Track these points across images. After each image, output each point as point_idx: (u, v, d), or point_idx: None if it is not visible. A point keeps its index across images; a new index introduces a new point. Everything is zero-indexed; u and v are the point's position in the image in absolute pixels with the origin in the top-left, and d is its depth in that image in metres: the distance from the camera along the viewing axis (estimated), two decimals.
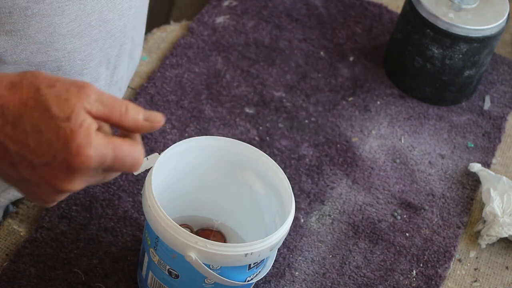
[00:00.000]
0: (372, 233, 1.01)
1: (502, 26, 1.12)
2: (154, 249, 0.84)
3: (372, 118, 1.14)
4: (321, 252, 0.99)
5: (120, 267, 0.93)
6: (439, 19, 1.10)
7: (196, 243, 0.80)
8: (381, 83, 1.18)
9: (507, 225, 1.01)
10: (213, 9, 1.23)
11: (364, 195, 1.05)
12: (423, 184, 1.08)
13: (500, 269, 1.02)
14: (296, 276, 0.96)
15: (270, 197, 0.90)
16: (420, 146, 1.12)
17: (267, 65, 1.17)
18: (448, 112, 1.17)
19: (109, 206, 0.98)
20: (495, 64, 1.23)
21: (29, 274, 0.90)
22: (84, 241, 0.94)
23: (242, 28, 1.21)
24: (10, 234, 0.95)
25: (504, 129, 1.16)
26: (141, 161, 0.71)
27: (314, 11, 1.25)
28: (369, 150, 1.10)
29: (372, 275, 0.98)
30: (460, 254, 1.02)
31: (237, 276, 0.84)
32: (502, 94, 1.20)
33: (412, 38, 1.13)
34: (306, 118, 1.12)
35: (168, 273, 0.84)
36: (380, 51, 1.22)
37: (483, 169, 1.08)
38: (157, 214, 0.81)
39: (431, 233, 1.03)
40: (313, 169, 1.07)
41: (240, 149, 0.90)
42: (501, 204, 1.03)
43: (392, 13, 1.27)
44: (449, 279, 1.00)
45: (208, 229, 0.96)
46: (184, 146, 0.88)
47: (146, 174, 0.85)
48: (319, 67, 1.19)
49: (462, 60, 1.12)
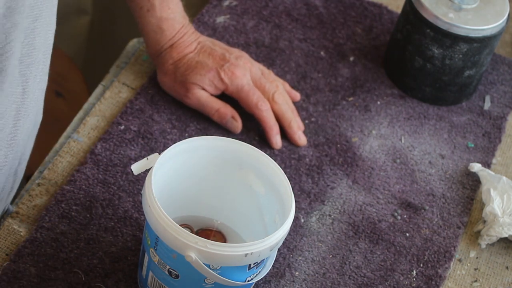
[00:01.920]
0: (372, 233, 1.01)
1: (502, 26, 1.12)
2: (154, 249, 0.84)
3: (372, 118, 1.14)
4: (321, 252, 0.99)
5: (120, 267, 0.93)
6: (439, 19, 1.10)
7: (196, 243, 0.80)
8: (381, 83, 1.18)
9: (507, 225, 1.01)
10: (213, 9, 1.23)
11: (364, 195, 1.05)
12: (423, 184, 1.08)
13: (500, 269, 1.02)
14: (296, 276, 0.96)
15: (270, 197, 0.90)
16: (420, 146, 1.12)
17: (267, 65, 1.17)
18: (448, 112, 1.17)
19: (109, 206, 0.98)
20: (495, 64, 1.23)
21: (29, 274, 0.90)
22: (84, 241, 0.94)
23: (242, 28, 1.21)
24: (10, 234, 0.95)
25: (504, 129, 1.16)
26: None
27: (314, 11, 1.25)
28: (369, 150, 1.10)
29: (372, 275, 0.98)
30: (460, 254, 1.02)
31: (237, 276, 0.84)
32: (502, 94, 1.20)
33: (412, 38, 1.13)
34: (306, 118, 1.12)
35: (168, 273, 0.84)
36: (380, 51, 1.22)
37: (483, 169, 1.08)
38: (157, 214, 0.81)
39: (431, 233, 1.03)
40: (313, 169, 1.06)
41: (240, 149, 0.90)
42: (501, 204, 1.03)
43: (392, 13, 1.27)
44: (449, 279, 1.00)
45: (208, 229, 0.96)
46: (184, 146, 0.88)
47: (146, 174, 0.85)
48: (319, 67, 1.19)
49: (462, 60, 1.12)
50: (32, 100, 0.89)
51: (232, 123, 1.07)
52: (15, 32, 0.80)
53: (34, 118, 0.93)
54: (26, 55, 0.84)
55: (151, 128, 1.07)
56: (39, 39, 0.85)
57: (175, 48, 1.08)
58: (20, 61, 0.83)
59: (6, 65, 0.81)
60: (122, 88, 1.12)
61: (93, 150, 1.03)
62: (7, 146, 0.88)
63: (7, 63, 0.81)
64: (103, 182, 1.00)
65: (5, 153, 0.88)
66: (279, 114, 1.08)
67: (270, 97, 1.08)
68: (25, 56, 0.84)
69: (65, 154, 1.03)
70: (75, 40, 1.79)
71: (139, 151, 1.04)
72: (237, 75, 1.06)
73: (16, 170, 0.94)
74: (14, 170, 0.93)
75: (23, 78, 0.85)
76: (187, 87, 1.07)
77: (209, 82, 1.06)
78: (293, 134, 1.08)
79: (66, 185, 0.99)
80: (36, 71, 0.87)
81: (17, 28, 0.80)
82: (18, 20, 0.79)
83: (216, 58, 1.07)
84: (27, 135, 0.92)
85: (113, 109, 1.09)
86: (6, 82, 0.82)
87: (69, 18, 1.76)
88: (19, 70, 0.84)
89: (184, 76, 1.07)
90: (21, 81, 0.85)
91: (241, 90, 1.07)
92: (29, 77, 0.86)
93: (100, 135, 1.05)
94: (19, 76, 0.84)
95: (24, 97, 0.86)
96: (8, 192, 0.95)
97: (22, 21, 0.80)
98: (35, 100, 0.90)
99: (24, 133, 0.91)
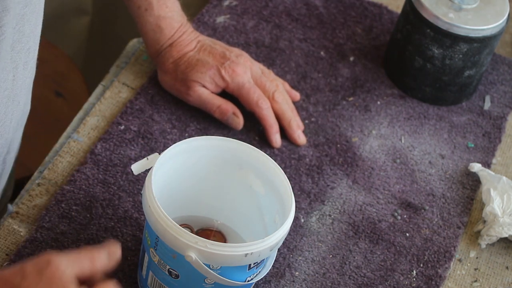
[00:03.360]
0: (372, 233, 1.01)
1: (502, 26, 1.12)
2: (154, 249, 0.84)
3: (372, 118, 1.14)
4: (321, 252, 0.99)
5: (120, 267, 0.93)
6: (439, 19, 1.10)
7: (196, 243, 0.80)
8: (381, 83, 1.18)
9: (507, 225, 1.01)
10: (213, 9, 1.23)
11: (364, 195, 1.05)
12: (423, 184, 1.08)
13: (500, 269, 1.02)
14: (296, 276, 0.96)
15: (270, 197, 0.90)
16: (420, 146, 1.12)
17: (267, 65, 1.17)
18: (448, 112, 1.17)
19: (109, 206, 0.98)
20: (495, 64, 1.23)
21: None
22: (84, 241, 0.94)
23: (242, 28, 1.21)
24: (10, 234, 0.95)
25: (504, 129, 1.16)
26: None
27: (314, 11, 1.25)
28: (369, 150, 1.10)
29: (372, 275, 0.98)
30: (460, 254, 1.02)
31: (237, 276, 0.84)
32: (502, 94, 1.20)
33: (412, 38, 1.13)
34: (306, 118, 1.12)
35: (168, 273, 0.84)
36: (380, 51, 1.22)
37: (483, 169, 1.08)
38: (157, 214, 0.81)
39: (431, 233, 1.03)
40: (313, 169, 1.06)
41: (240, 149, 0.90)
42: (501, 204, 1.03)
43: (392, 13, 1.27)
44: (449, 279, 1.00)
45: (208, 229, 0.96)
46: (184, 146, 0.88)
47: (146, 174, 0.85)
48: (319, 67, 1.19)
49: (462, 60, 1.12)
50: (23, 88, 0.89)
51: (234, 119, 1.07)
52: (7, 17, 0.80)
53: (23, 107, 0.93)
54: (17, 41, 0.84)
55: (151, 128, 1.07)
56: (29, 25, 0.85)
57: (175, 47, 1.08)
58: (12, 47, 0.83)
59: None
60: (122, 88, 1.12)
61: (93, 150, 1.03)
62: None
63: (0, 48, 0.81)
64: (103, 182, 1.00)
65: None
66: (279, 113, 1.08)
67: (270, 96, 1.08)
68: (16, 42, 0.84)
69: (65, 154, 1.03)
70: (75, 40, 1.79)
71: (139, 151, 1.04)
72: (238, 73, 1.07)
73: (4, 159, 0.94)
74: (3, 158, 0.94)
75: (13, 64, 0.85)
76: (188, 85, 1.07)
77: (210, 80, 1.07)
78: (292, 133, 1.08)
79: (66, 185, 0.99)
80: (27, 58, 0.87)
81: (9, 12, 0.80)
82: (9, 4, 0.79)
83: (217, 56, 1.07)
84: (16, 122, 0.92)
85: (113, 109, 1.09)
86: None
87: (69, 18, 1.76)
88: (11, 56, 0.84)
89: (184, 74, 1.07)
90: (12, 67, 0.85)
91: (241, 88, 1.07)
92: (19, 63, 0.86)
93: (100, 135, 1.05)
94: (11, 62, 0.84)
95: (14, 83, 0.87)
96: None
97: (14, 6, 0.80)
98: (25, 88, 0.90)
99: (14, 121, 0.91)
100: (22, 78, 0.88)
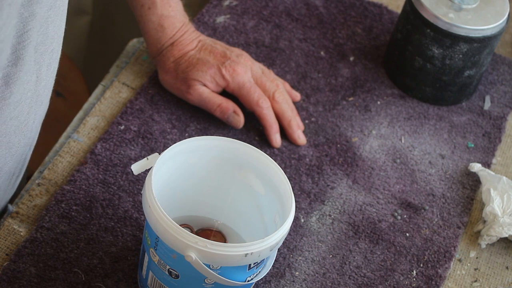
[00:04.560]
0: (372, 233, 1.01)
1: (502, 26, 1.12)
2: (154, 249, 0.84)
3: (372, 118, 1.14)
4: (321, 252, 0.99)
5: (120, 267, 0.93)
6: (439, 19, 1.10)
7: (196, 243, 0.80)
8: (381, 83, 1.18)
9: (507, 225, 1.01)
10: (213, 9, 1.23)
11: (364, 195, 1.05)
12: (423, 184, 1.08)
13: (500, 269, 1.02)
14: (296, 276, 0.96)
15: (270, 197, 0.90)
16: (420, 146, 1.12)
17: (267, 65, 1.17)
18: (448, 112, 1.17)
19: (109, 206, 0.98)
20: (495, 64, 1.23)
21: (29, 274, 0.90)
22: (84, 241, 0.94)
23: (242, 28, 1.21)
24: (10, 234, 0.95)
25: (504, 129, 1.16)
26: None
27: (314, 11, 1.25)
28: (369, 150, 1.10)
29: (372, 275, 0.98)
30: (460, 254, 1.02)
31: (237, 276, 0.84)
32: (502, 94, 1.20)
33: (412, 38, 1.13)
34: (306, 118, 1.12)
35: (168, 273, 0.84)
36: (380, 51, 1.22)
37: (483, 169, 1.08)
38: (157, 214, 0.81)
39: (431, 233, 1.03)
40: (313, 169, 1.07)
41: (240, 149, 0.90)
42: (501, 204, 1.03)
43: (392, 13, 1.27)
44: (449, 279, 1.00)
45: (208, 229, 0.96)
46: (184, 146, 0.88)
47: (146, 174, 0.85)
48: (319, 67, 1.19)
49: (462, 60, 1.12)
50: (46, 88, 0.90)
51: (234, 118, 1.07)
52: (33, 22, 0.81)
53: (46, 107, 0.94)
54: (41, 43, 0.85)
55: (151, 128, 1.07)
56: (53, 27, 0.86)
57: (176, 46, 1.08)
58: (35, 49, 0.84)
59: (24, 54, 0.82)
60: (122, 88, 1.12)
61: (93, 150, 1.03)
62: (21, 132, 0.89)
63: (24, 52, 0.82)
64: (103, 182, 1.00)
65: (19, 139, 0.89)
66: (279, 113, 1.09)
67: (271, 96, 1.08)
68: (40, 44, 0.85)
69: (65, 154, 1.03)
70: (75, 40, 1.79)
71: (139, 151, 1.04)
72: (239, 72, 1.07)
73: (26, 155, 0.96)
74: (25, 155, 0.95)
75: (37, 66, 0.86)
76: (188, 84, 1.07)
77: (210, 79, 1.07)
78: (292, 133, 1.08)
79: (66, 185, 0.99)
80: (50, 59, 0.88)
81: (35, 17, 0.81)
82: (36, 9, 0.81)
83: (217, 56, 1.08)
84: (39, 122, 0.93)
85: (113, 109, 1.09)
86: (23, 70, 0.83)
87: (69, 18, 1.75)
88: (35, 58, 0.85)
89: (185, 73, 1.07)
90: (35, 69, 0.86)
91: (242, 87, 1.07)
92: (42, 64, 0.87)
93: (100, 135, 1.05)
94: (34, 64, 0.85)
95: (37, 84, 0.87)
96: (16, 176, 0.97)
97: (39, 10, 0.81)
98: (48, 88, 0.91)
99: (37, 121, 0.92)
100: (45, 79, 0.88)
